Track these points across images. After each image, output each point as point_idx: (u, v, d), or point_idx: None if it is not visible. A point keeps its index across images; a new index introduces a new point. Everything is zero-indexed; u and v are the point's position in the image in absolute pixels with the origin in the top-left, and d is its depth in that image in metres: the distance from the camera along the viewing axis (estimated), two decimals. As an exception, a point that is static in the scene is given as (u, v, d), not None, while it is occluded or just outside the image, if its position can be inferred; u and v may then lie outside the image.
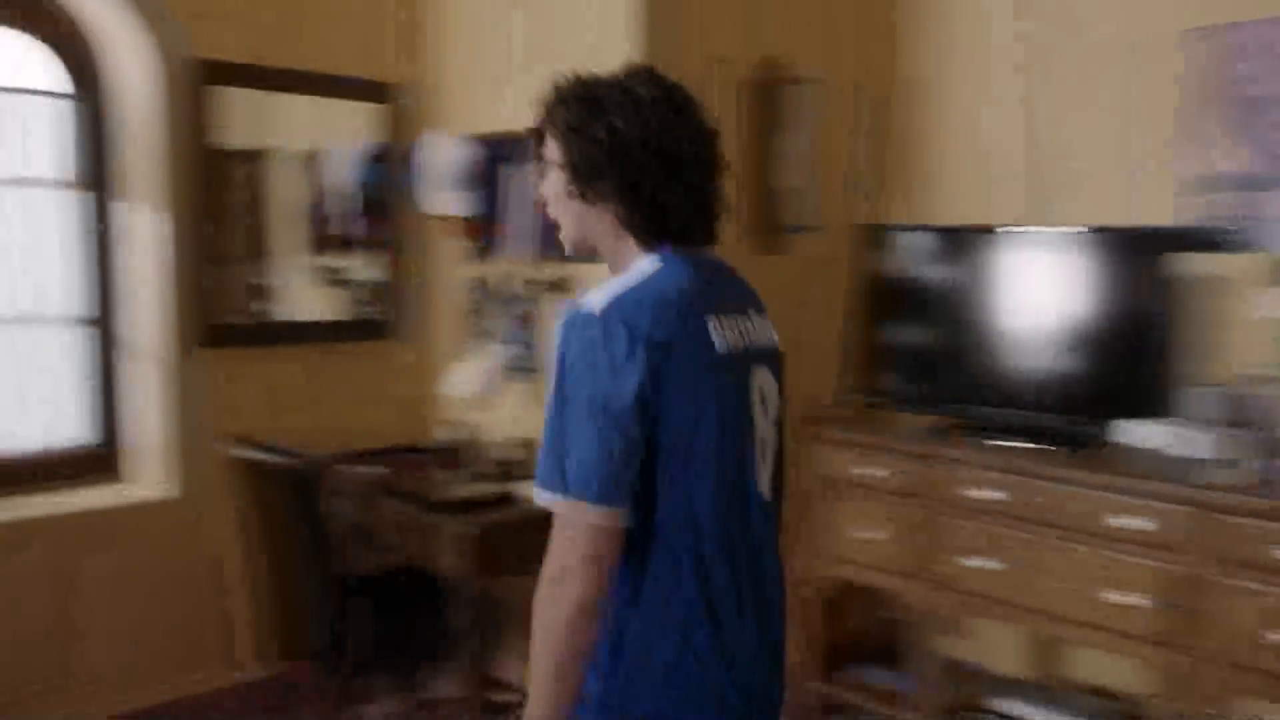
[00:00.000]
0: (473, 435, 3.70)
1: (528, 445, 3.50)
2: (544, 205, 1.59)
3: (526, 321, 3.55)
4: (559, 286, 3.43)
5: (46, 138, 3.41)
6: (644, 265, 1.49)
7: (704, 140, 1.53)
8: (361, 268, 3.91)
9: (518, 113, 3.62)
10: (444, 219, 3.75)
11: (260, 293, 3.68)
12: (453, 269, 3.87)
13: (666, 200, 1.48)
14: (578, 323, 1.40)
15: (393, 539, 3.20)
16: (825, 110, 3.59)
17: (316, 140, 3.77)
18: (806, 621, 3.39)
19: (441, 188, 3.62)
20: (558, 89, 1.53)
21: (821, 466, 3.35)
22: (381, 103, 3.84)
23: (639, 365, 1.37)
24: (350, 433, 3.63)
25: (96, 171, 3.47)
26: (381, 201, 3.88)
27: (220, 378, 3.53)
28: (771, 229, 3.52)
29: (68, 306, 3.46)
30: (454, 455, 3.67)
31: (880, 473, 3.22)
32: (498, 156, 3.57)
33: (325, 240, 3.82)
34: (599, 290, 1.43)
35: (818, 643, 3.46)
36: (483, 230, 3.67)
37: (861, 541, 3.27)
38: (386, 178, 3.87)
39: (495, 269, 3.66)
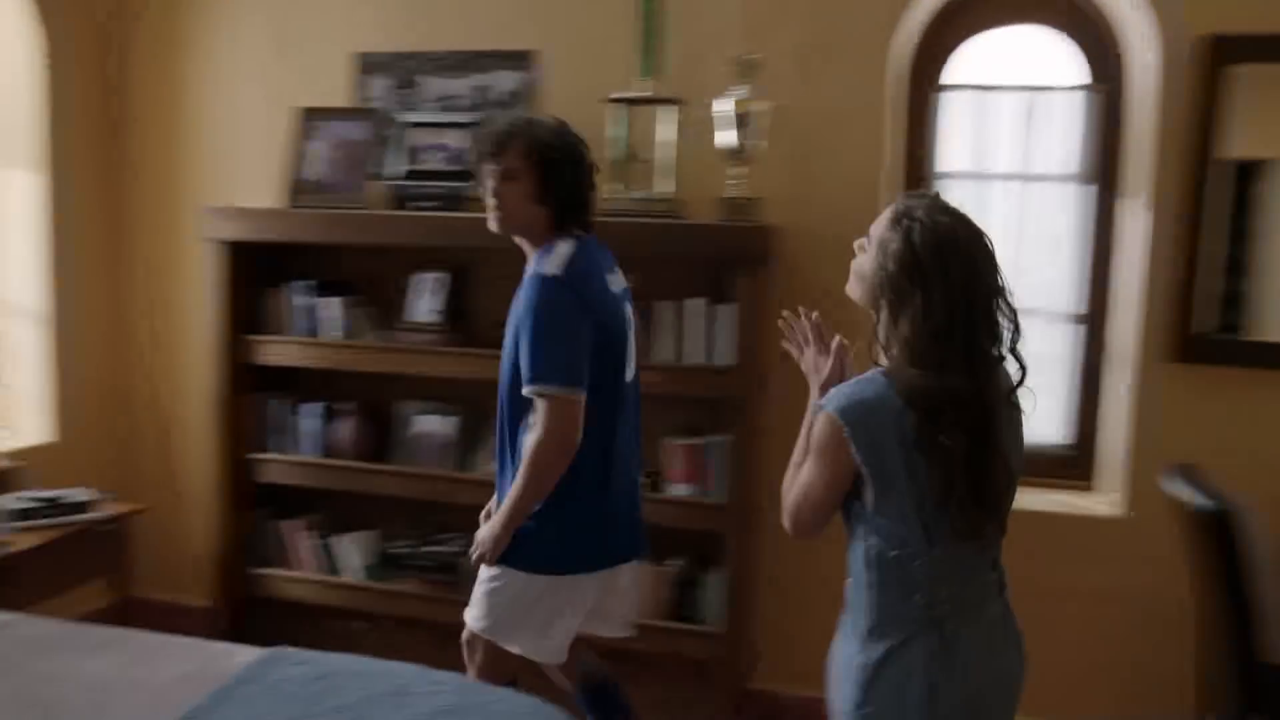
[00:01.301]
0: None
1: None
2: (491, 197, 2.39)
3: None
4: None
5: (1060, 132, 3.40)
6: (565, 247, 2.34)
7: (590, 164, 2.45)
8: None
9: None
10: None
11: (1244, 306, 3.13)
12: None
13: (581, 204, 2.42)
14: (543, 284, 2.28)
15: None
16: None
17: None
18: None
19: None
20: (517, 124, 2.39)
21: None
22: None
23: (583, 308, 2.29)
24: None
25: (1104, 165, 3.35)
26: None
27: (1186, 396, 3.10)
28: None
29: (1063, 302, 3.44)
30: None
31: None
32: None
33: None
34: (549, 262, 2.30)
35: None
36: None
37: None
38: None
39: None
